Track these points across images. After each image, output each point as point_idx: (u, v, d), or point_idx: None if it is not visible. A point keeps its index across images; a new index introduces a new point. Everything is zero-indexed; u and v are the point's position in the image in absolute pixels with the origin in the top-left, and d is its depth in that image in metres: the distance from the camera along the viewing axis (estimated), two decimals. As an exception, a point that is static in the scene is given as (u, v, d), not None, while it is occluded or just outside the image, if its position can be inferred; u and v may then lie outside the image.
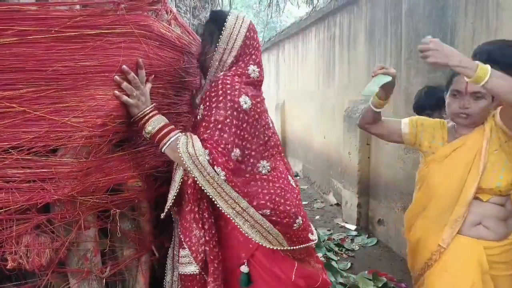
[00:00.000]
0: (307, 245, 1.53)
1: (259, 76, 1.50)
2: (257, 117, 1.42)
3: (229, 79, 1.41)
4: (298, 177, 7.26)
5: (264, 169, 1.43)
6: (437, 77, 3.16)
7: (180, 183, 1.40)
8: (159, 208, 1.47)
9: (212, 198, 1.35)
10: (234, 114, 1.36)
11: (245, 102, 1.38)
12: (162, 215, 1.43)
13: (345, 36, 5.27)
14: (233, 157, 1.35)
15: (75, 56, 1.19)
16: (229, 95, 1.36)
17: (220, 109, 1.35)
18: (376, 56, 4.29)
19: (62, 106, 1.19)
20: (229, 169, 1.33)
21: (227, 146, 1.34)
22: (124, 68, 1.28)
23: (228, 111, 1.35)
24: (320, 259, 1.67)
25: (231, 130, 1.35)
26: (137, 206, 1.51)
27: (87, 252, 1.33)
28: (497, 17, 2.59)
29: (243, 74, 1.46)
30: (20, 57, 1.13)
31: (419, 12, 3.49)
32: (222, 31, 1.46)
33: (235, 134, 1.35)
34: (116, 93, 1.28)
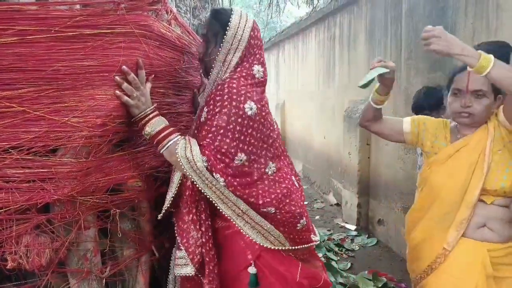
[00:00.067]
0: (309, 245, 1.53)
1: (263, 76, 1.48)
2: (262, 121, 1.40)
3: (235, 83, 1.38)
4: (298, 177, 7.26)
5: (270, 170, 1.43)
6: (437, 77, 3.16)
7: (178, 185, 1.40)
8: (159, 208, 1.47)
9: (212, 200, 1.36)
10: (238, 120, 1.34)
11: (250, 108, 1.36)
12: (159, 216, 1.43)
13: (345, 36, 5.27)
14: (237, 162, 1.34)
15: (75, 56, 1.19)
16: (234, 100, 1.34)
17: (224, 114, 1.33)
18: (376, 56, 4.29)
19: (62, 106, 1.19)
20: (229, 174, 1.33)
21: (230, 150, 1.32)
22: (124, 68, 1.28)
23: (232, 117, 1.33)
24: (320, 258, 1.67)
25: (234, 135, 1.33)
26: (137, 206, 1.51)
27: (87, 252, 1.33)
28: (497, 17, 2.59)
29: (248, 75, 1.43)
30: (20, 56, 1.13)
31: (419, 12, 3.49)
32: (226, 31, 1.41)
33: (238, 139, 1.34)
34: (117, 93, 1.28)
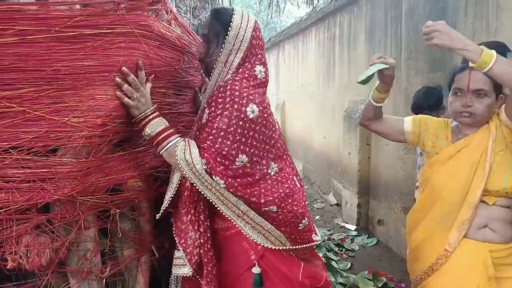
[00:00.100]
0: (311, 245, 1.53)
1: (265, 76, 1.47)
2: (264, 123, 1.40)
3: (238, 85, 1.37)
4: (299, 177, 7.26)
5: (272, 170, 1.43)
6: (437, 77, 3.16)
7: (177, 185, 1.40)
8: (159, 208, 1.47)
9: (212, 202, 1.36)
10: (240, 123, 1.33)
11: (252, 111, 1.35)
12: (157, 216, 1.43)
13: (345, 36, 5.27)
14: (238, 164, 1.34)
15: (75, 56, 1.19)
16: (236, 103, 1.34)
17: (225, 117, 1.33)
18: (376, 56, 4.29)
19: (62, 106, 1.19)
20: (229, 176, 1.33)
21: (231, 152, 1.32)
22: (124, 70, 1.28)
23: (233, 120, 1.32)
24: (320, 257, 1.67)
25: (235, 138, 1.33)
26: (137, 206, 1.51)
27: (87, 252, 1.33)
28: (497, 17, 2.59)
29: (250, 76, 1.42)
30: (20, 56, 1.13)
31: (419, 12, 3.49)
32: (228, 31, 1.40)
33: (240, 141, 1.33)
34: (118, 94, 1.28)
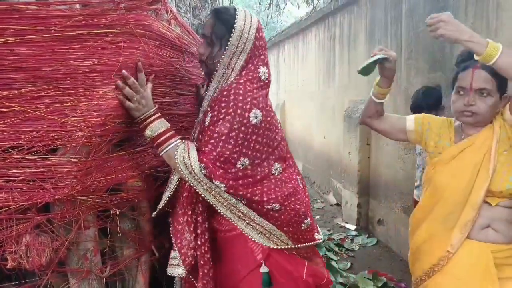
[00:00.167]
0: (313, 243, 1.53)
1: (268, 77, 1.46)
2: (268, 126, 1.39)
3: (242, 89, 1.36)
4: (302, 177, 7.28)
5: (276, 171, 1.43)
6: (437, 77, 3.16)
7: (176, 186, 1.40)
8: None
9: (212, 204, 1.36)
10: (242, 129, 1.32)
11: (255, 116, 1.34)
12: (153, 214, 1.44)
13: (345, 36, 5.27)
14: (239, 166, 1.34)
15: (75, 56, 1.19)
16: (239, 108, 1.32)
17: (227, 122, 1.31)
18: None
19: (62, 106, 1.19)
20: (230, 179, 1.33)
21: (233, 156, 1.32)
22: (124, 73, 1.28)
23: (235, 125, 1.31)
24: (320, 255, 1.67)
25: (237, 142, 1.32)
26: (137, 205, 1.51)
27: (87, 251, 1.33)
28: (497, 17, 2.59)
29: (254, 78, 1.40)
30: (20, 56, 1.13)
31: (419, 12, 3.49)
32: (231, 33, 1.38)
33: (242, 145, 1.33)
34: (120, 98, 1.29)
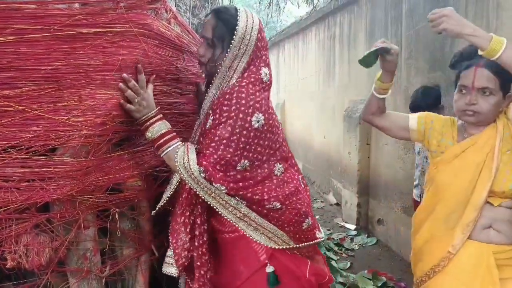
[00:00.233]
0: (314, 242, 1.53)
1: (269, 78, 1.44)
2: (270, 129, 1.39)
3: (244, 92, 1.34)
4: (303, 176, 7.30)
5: (278, 171, 1.43)
6: (437, 77, 3.16)
7: (176, 186, 1.41)
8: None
9: (213, 206, 1.36)
10: (244, 133, 1.32)
11: (257, 121, 1.33)
12: (153, 212, 1.44)
13: (345, 36, 5.27)
14: (239, 168, 1.34)
15: (74, 55, 1.19)
16: (241, 112, 1.31)
17: (229, 126, 1.31)
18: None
19: (61, 105, 1.18)
20: (230, 181, 1.33)
21: (234, 159, 1.32)
22: (124, 76, 1.28)
23: (237, 129, 1.31)
24: (320, 252, 1.67)
25: (238, 146, 1.31)
26: (136, 205, 1.51)
27: (86, 251, 1.33)
28: (497, 17, 2.59)
29: (256, 80, 1.39)
30: (19, 55, 1.12)
31: (419, 12, 3.49)
32: (233, 35, 1.35)
33: (244, 149, 1.33)
34: (122, 102, 1.29)
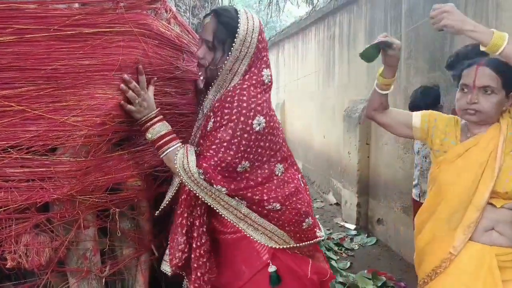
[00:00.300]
0: (315, 241, 1.53)
1: (271, 80, 1.44)
2: (271, 131, 1.38)
3: (246, 94, 1.33)
4: (302, 175, 7.31)
5: (279, 171, 1.44)
6: (437, 76, 3.16)
7: (177, 186, 1.41)
8: (158, 207, 1.47)
9: (213, 207, 1.36)
10: (245, 136, 1.31)
11: (258, 123, 1.33)
12: (156, 213, 1.45)
13: (345, 36, 5.27)
14: (239, 169, 1.34)
15: (74, 55, 1.19)
16: (243, 116, 1.30)
17: (229, 128, 1.30)
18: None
19: (61, 105, 1.18)
20: (230, 183, 1.33)
21: (234, 161, 1.31)
22: (125, 77, 1.28)
23: (238, 132, 1.30)
24: (320, 249, 1.67)
25: (239, 149, 1.31)
26: (136, 205, 1.51)
27: (86, 251, 1.33)
28: (497, 17, 2.59)
29: (258, 82, 1.38)
30: (19, 55, 1.12)
31: (418, 12, 3.49)
32: (234, 38, 1.34)
33: (244, 151, 1.32)
34: (122, 103, 1.29)
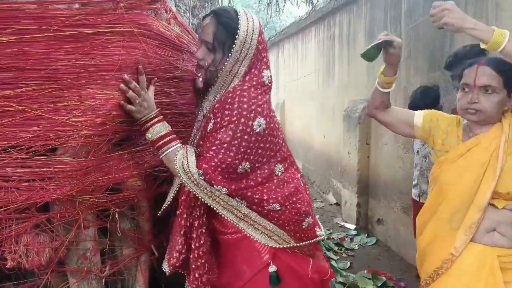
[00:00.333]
0: (315, 240, 1.53)
1: (271, 81, 1.44)
2: (271, 132, 1.38)
3: (246, 96, 1.33)
4: (302, 175, 7.31)
5: (279, 171, 1.44)
6: (437, 76, 3.16)
7: (178, 187, 1.42)
8: (158, 207, 1.47)
9: (213, 207, 1.36)
10: (245, 137, 1.31)
11: (259, 125, 1.33)
12: (159, 213, 1.45)
13: (344, 36, 5.27)
14: (240, 170, 1.34)
15: (74, 55, 1.19)
16: (243, 117, 1.30)
17: (230, 130, 1.30)
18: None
19: (61, 105, 1.19)
20: (231, 183, 1.33)
21: (234, 162, 1.32)
22: (125, 78, 1.28)
23: (238, 133, 1.30)
24: (320, 247, 1.66)
25: (239, 150, 1.31)
26: (136, 205, 1.51)
27: (86, 251, 1.34)
28: (497, 17, 2.59)
29: (258, 83, 1.38)
30: (19, 56, 1.13)
31: (418, 12, 3.49)
32: (234, 39, 1.34)
33: (245, 153, 1.32)
34: (122, 103, 1.29)
